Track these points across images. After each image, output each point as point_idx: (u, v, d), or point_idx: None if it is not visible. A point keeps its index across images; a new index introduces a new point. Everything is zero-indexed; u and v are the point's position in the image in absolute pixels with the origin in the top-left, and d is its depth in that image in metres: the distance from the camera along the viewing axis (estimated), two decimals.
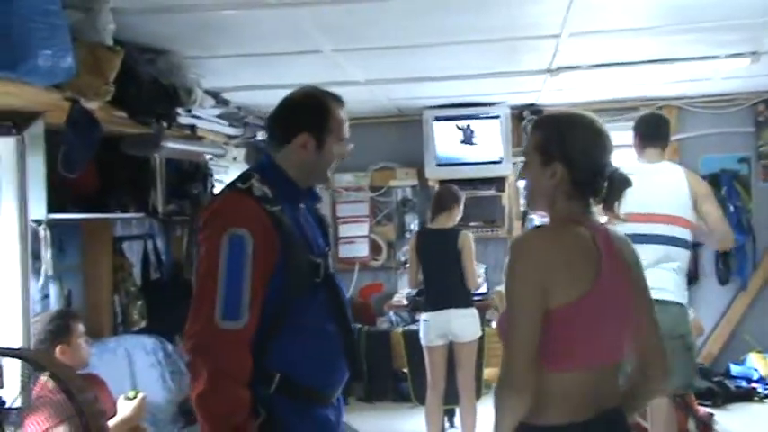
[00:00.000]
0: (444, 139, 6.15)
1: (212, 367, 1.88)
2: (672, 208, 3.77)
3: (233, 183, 2.12)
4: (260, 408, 1.96)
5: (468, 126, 6.12)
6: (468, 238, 4.77)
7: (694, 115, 6.19)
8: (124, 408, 3.13)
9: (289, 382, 2.00)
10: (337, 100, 2.14)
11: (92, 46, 2.74)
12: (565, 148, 1.83)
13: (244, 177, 2.08)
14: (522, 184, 5.35)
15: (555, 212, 1.87)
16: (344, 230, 6.67)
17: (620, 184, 1.84)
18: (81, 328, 3.19)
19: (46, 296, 3.72)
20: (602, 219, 1.91)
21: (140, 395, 3.19)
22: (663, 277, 3.64)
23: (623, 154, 6.08)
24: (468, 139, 6.13)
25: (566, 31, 3.68)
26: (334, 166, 2.18)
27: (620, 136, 6.08)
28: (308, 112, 2.11)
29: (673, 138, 6.17)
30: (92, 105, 2.91)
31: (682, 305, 3.82)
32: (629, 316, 1.86)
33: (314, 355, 2.05)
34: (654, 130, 3.95)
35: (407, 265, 5.21)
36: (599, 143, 1.85)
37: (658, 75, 4.96)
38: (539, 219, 1.96)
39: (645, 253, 3.58)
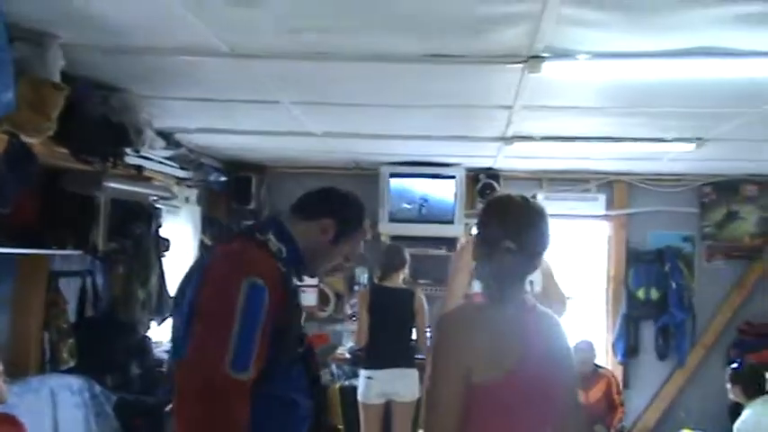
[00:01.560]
0: (399, 196, 6.19)
1: (222, 416, 1.83)
2: None
3: (250, 231, 2.14)
4: None
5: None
6: (423, 300, 4.83)
7: (643, 192, 6.33)
8: None
9: None
10: (370, 224, 2.37)
11: (36, 82, 2.70)
12: (492, 232, 1.90)
13: (262, 230, 2.09)
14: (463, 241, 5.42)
15: (486, 289, 1.91)
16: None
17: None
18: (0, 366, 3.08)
19: None
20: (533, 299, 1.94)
21: None
22: None
23: (571, 225, 6.10)
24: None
25: (518, 104, 3.74)
26: (326, 268, 2.26)
27: (571, 206, 6.20)
28: (346, 209, 2.21)
29: (622, 212, 6.34)
30: (31, 141, 2.86)
31: None
32: (553, 398, 1.85)
33: (281, 423, 2.05)
34: None
35: (355, 320, 5.16)
36: (527, 228, 1.90)
37: (607, 151, 5.06)
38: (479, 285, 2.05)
39: None
